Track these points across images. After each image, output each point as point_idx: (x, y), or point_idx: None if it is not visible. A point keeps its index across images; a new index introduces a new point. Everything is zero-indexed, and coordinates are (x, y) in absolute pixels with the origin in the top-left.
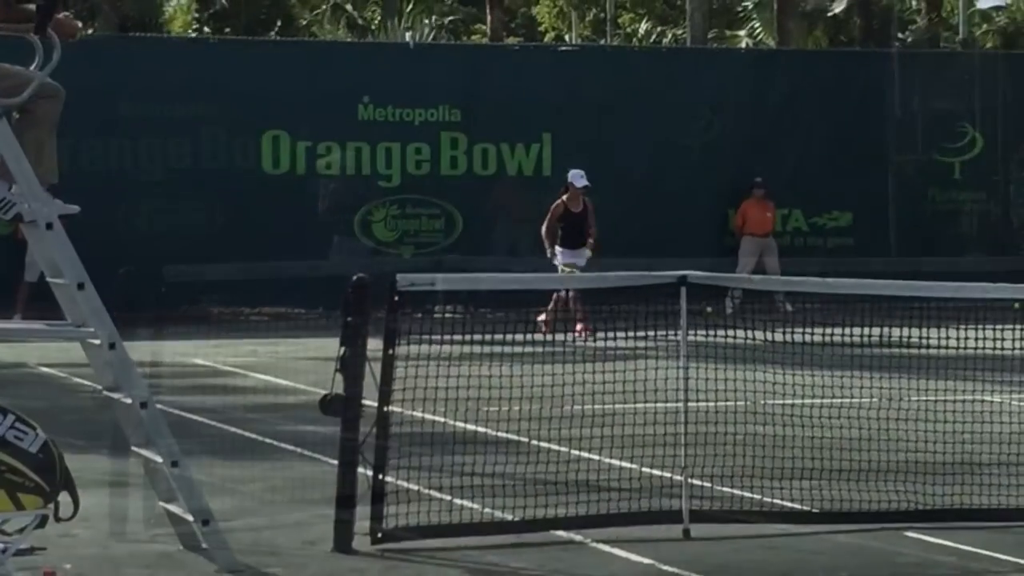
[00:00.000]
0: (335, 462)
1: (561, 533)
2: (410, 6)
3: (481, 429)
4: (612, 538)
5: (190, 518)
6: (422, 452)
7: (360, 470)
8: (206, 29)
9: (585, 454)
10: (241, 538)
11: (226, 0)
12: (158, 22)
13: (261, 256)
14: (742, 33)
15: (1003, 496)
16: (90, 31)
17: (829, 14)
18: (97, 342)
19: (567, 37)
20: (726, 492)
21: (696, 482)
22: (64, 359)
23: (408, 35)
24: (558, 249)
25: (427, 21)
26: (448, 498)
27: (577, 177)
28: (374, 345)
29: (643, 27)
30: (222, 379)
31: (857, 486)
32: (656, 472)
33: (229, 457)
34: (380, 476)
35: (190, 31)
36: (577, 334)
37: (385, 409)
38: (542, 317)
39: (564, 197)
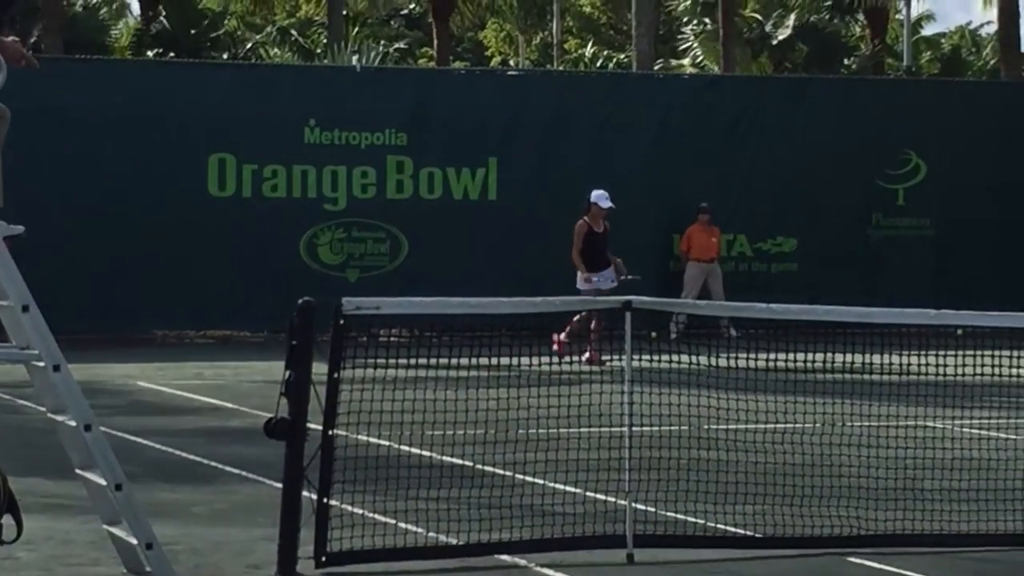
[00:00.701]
0: (279, 485)
1: (505, 557)
2: (356, 30)
3: (426, 453)
4: (556, 562)
5: (133, 541)
6: (367, 476)
7: (304, 494)
8: (149, 53)
9: (529, 478)
10: (185, 561)
11: (167, 22)
12: (106, 44)
13: (206, 277)
14: (686, 62)
15: (945, 522)
16: (30, 42)
17: (774, 42)
18: (41, 364)
19: (513, 61)
20: (670, 517)
21: (640, 507)
22: (8, 381)
23: (355, 59)
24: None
25: (374, 45)
26: (392, 522)
27: (602, 198)
28: (319, 368)
29: (589, 51)
30: (166, 401)
31: (800, 511)
32: (600, 496)
33: (173, 480)
34: (324, 500)
35: (127, 53)
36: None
37: (330, 433)
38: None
39: (586, 217)
